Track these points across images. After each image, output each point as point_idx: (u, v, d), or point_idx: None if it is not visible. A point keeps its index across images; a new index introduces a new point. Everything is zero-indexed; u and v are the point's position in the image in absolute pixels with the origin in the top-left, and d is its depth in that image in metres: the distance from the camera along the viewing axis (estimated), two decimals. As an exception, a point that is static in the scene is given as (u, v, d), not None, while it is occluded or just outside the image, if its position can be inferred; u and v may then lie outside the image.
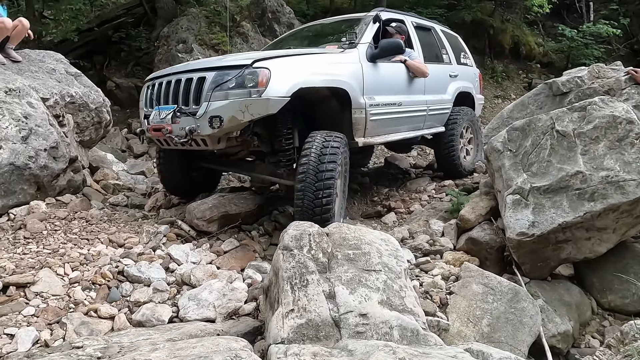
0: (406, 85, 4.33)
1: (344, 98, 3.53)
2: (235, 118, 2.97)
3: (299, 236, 2.01)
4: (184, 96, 3.17)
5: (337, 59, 3.64)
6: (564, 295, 3.25)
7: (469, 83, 5.61)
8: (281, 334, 1.65)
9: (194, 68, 3.25)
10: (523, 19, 12.84)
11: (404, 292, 1.89)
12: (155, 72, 3.73)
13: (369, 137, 3.79)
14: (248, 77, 2.98)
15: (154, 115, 3.35)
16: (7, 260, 2.79)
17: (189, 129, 3.02)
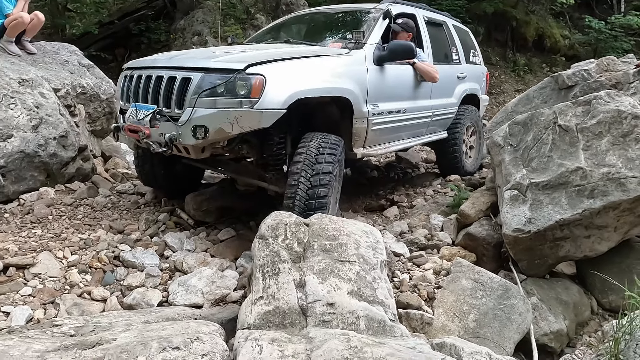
0: (412, 90, 4.09)
1: (344, 105, 3.29)
2: (222, 130, 2.66)
3: (275, 225, 2.04)
4: (165, 97, 2.85)
5: (340, 63, 3.34)
6: (562, 294, 3.18)
7: (476, 84, 5.39)
8: (248, 319, 1.69)
9: (178, 65, 2.93)
10: (549, 10, 12.43)
11: (377, 283, 1.90)
12: (134, 61, 3.36)
13: (368, 147, 3.56)
14: (240, 84, 2.65)
15: (130, 113, 3.04)
16: (12, 242, 2.94)
17: (169, 137, 2.72)
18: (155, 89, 2.92)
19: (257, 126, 2.69)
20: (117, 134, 3.30)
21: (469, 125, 5.07)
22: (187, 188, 3.78)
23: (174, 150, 2.89)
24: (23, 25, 4.32)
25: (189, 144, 2.75)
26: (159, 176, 3.68)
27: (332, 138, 3.00)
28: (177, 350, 1.40)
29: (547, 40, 11.80)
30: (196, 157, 2.96)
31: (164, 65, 2.99)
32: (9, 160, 3.53)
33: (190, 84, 2.73)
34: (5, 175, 3.53)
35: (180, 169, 3.73)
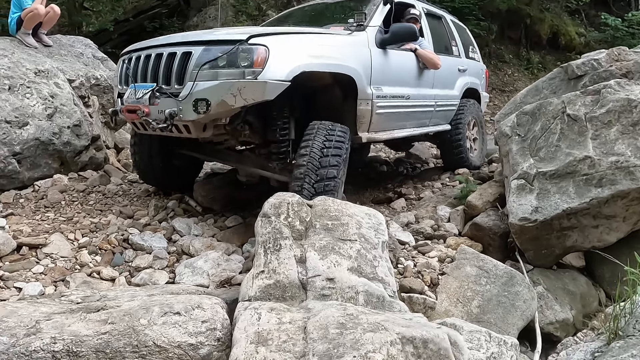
0: (415, 77, 4.05)
1: (348, 87, 3.20)
2: (225, 103, 2.54)
3: (277, 204, 2.07)
4: (164, 74, 2.74)
5: (344, 41, 3.29)
6: (569, 285, 3.15)
7: (476, 79, 5.34)
8: (249, 292, 1.73)
9: (178, 41, 2.83)
10: (564, 8, 12.26)
11: (377, 261, 1.92)
12: (133, 45, 3.25)
13: (373, 132, 3.46)
14: (242, 55, 2.56)
15: (128, 94, 2.92)
16: (26, 225, 3.03)
17: (169, 113, 2.60)
18: (154, 67, 2.82)
19: (261, 98, 2.58)
20: (115, 118, 3.19)
21: (472, 119, 5.00)
22: (184, 183, 3.73)
23: (174, 131, 2.76)
24: (39, 18, 4.44)
25: (190, 120, 2.63)
26: (157, 169, 3.59)
27: (338, 127, 2.94)
28: (178, 316, 1.45)
29: (561, 37, 11.64)
30: (197, 135, 2.82)
31: (163, 43, 2.90)
32: (25, 147, 3.63)
33: (191, 58, 2.64)
34: (21, 162, 3.63)
35: (178, 163, 3.66)
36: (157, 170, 3.60)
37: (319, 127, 2.86)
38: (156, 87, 2.74)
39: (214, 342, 1.45)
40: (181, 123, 2.69)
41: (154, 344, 1.35)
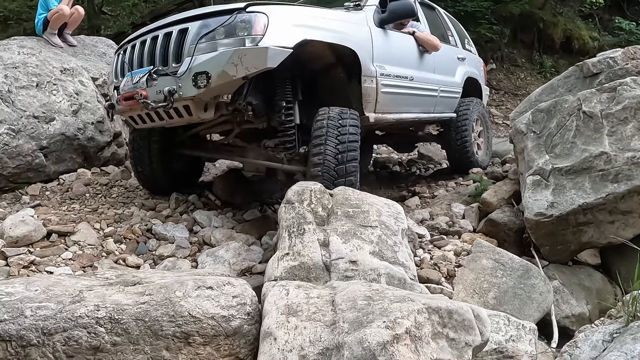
0: (417, 60, 3.99)
1: (351, 66, 3.12)
2: (226, 73, 2.41)
3: (301, 191, 2.14)
4: (161, 54, 2.63)
5: (344, 17, 3.22)
6: (584, 280, 3.17)
7: (475, 70, 5.32)
8: (275, 273, 1.79)
9: (173, 20, 2.72)
10: (577, 12, 12.23)
11: (397, 247, 1.97)
12: (130, 36, 3.12)
13: (379, 112, 3.35)
14: (241, 24, 2.45)
15: (125, 82, 2.80)
16: (53, 215, 3.14)
17: (167, 90, 2.47)
18: (150, 51, 2.71)
19: (264, 65, 2.45)
20: (111, 112, 3.07)
21: (477, 118, 4.94)
22: (184, 188, 3.65)
23: (174, 116, 2.65)
24: (64, 18, 4.59)
25: (190, 97, 2.50)
26: (157, 175, 3.51)
27: (350, 113, 2.86)
28: (211, 290, 1.52)
29: (575, 42, 11.60)
30: (198, 118, 2.67)
31: (159, 26, 2.80)
32: (51, 142, 3.76)
33: (188, 33, 2.55)
34: (47, 156, 3.76)
35: (178, 167, 3.60)
36: (157, 175, 3.52)
37: (329, 116, 2.75)
38: (153, 68, 2.62)
39: (244, 315, 1.52)
40: (181, 103, 2.56)
41: (189, 314, 1.42)
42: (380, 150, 7.05)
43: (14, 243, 2.60)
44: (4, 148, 3.46)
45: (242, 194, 3.74)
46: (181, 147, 3.51)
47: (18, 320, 1.28)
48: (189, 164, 3.72)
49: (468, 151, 4.65)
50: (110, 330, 1.33)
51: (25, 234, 2.64)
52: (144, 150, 3.45)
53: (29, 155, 3.61)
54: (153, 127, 3.01)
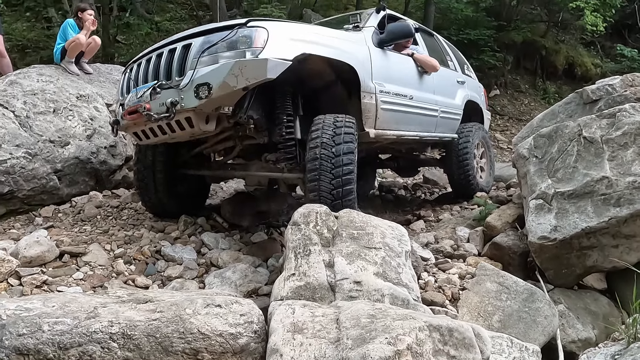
0: (416, 80, 4.03)
1: (351, 83, 3.17)
2: (226, 85, 2.47)
3: (307, 214, 2.21)
4: (165, 70, 2.71)
5: (343, 36, 3.30)
6: (590, 305, 3.16)
7: (475, 94, 5.38)
8: (281, 293, 1.84)
9: (178, 38, 2.81)
10: (579, 39, 12.47)
11: (401, 268, 2.01)
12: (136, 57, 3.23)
13: (380, 128, 3.38)
14: (241, 39, 2.54)
15: (129, 97, 2.90)
16: (65, 236, 3.22)
17: (170, 102, 2.54)
18: (155, 67, 2.80)
19: (264, 76, 2.49)
20: (116, 128, 3.11)
21: (479, 143, 4.96)
22: (190, 211, 3.67)
23: (176, 130, 2.71)
24: (80, 47, 4.80)
25: (192, 107, 2.55)
26: (163, 198, 3.54)
27: (345, 117, 2.87)
28: (219, 308, 1.57)
29: (577, 68, 11.79)
30: (200, 128, 2.69)
31: (164, 43, 2.89)
32: (65, 165, 3.88)
33: (191, 48, 2.64)
34: (61, 179, 3.88)
35: (183, 190, 3.63)
36: (163, 201, 3.56)
37: (324, 122, 2.78)
38: (157, 83, 2.70)
39: (252, 333, 1.56)
40: (183, 115, 2.62)
41: (198, 331, 1.47)
42: (385, 174, 7.14)
43: (27, 263, 2.68)
44: (20, 171, 3.58)
45: (249, 216, 3.81)
46: (185, 168, 3.57)
47: (36, 335, 1.34)
48: (194, 186, 3.77)
49: (470, 176, 4.66)
50: (122, 346, 1.38)
51: (39, 254, 2.71)
52: (149, 180, 3.50)
53: (44, 178, 3.72)
54: (157, 142, 3.06)
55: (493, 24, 11.42)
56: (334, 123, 2.78)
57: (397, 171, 5.81)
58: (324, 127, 2.74)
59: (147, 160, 3.49)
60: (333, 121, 2.79)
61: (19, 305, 1.43)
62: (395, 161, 5.30)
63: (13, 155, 3.57)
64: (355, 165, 2.73)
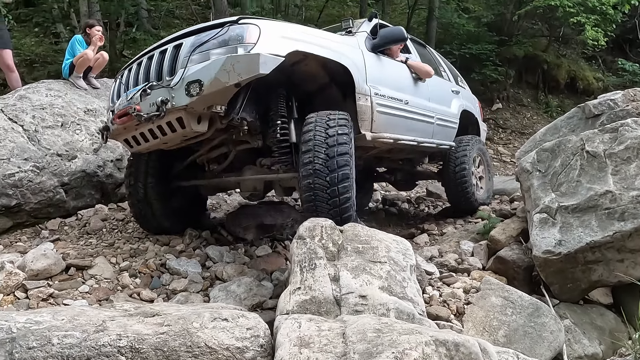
0: (411, 86, 3.99)
1: (345, 86, 3.12)
2: (218, 81, 2.40)
3: (312, 227, 2.23)
4: (156, 71, 2.66)
5: (336, 38, 3.26)
6: (597, 320, 3.14)
7: (471, 105, 5.37)
8: (287, 307, 1.85)
9: (168, 39, 2.79)
10: (580, 54, 12.57)
11: (406, 282, 2.02)
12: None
13: (376, 132, 3.31)
14: (233, 36, 2.49)
15: (120, 101, 2.84)
16: (72, 249, 3.25)
17: (160, 100, 2.47)
18: (146, 69, 2.75)
19: (256, 71, 2.41)
20: (106, 134, 3.03)
21: (476, 156, 4.88)
22: (186, 226, 3.59)
23: (168, 132, 2.63)
24: (88, 62, 4.88)
25: (183, 106, 2.47)
26: (157, 215, 3.44)
27: (339, 114, 2.78)
28: (226, 322, 1.58)
29: (579, 82, 11.86)
30: (191, 129, 2.60)
31: (156, 46, 2.85)
32: (72, 179, 3.93)
33: (182, 47, 2.60)
34: (68, 192, 3.92)
35: (177, 204, 3.54)
36: (156, 215, 3.45)
37: (317, 122, 2.68)
38: (148, 84, 2.64)
39: (258, 347, 1.57)
40: (174, 115, 2.55)
41: (205, 345, 1.48)
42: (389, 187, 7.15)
43: (34, 276, 2.69)
44: (28, 184, 3.62)
45: (253, 230, 3.82)
46: (178, 180, 3.49)
47: (45, 348, 1.36)
48: (189, 200, 3.67)
49: (468, 191, 4.57)
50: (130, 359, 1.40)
51: (46, 267, 2.73)
52: (141, 194, 3.40)
53: (51, 192, 3.76)
54: (148, 149, 2.99)
55: (495, 39, 11.54)
56: (327, 122, 2.67)
57: (394, 184, 5.70)
58: (316, 128, 2.63)
59: (138, 174, 3.40)
60: (326, 120, 2.69)
61: (29, 318, 1.44)
62: (392, 174, 5.23)
63: (21, 169, 3.61)
64: (352, 168, 2.61)
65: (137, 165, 3.42)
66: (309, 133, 2.64)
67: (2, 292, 2.50)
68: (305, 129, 2.69)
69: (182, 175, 3.51)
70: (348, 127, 2.73)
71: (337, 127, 2.64)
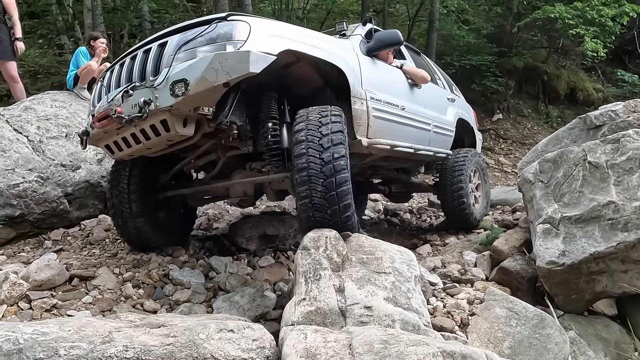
0: (407, 91, 3.88)
1: (340, 90, 2.98)
2: (205, 79, 2.23)
3: (316, 238, 2.23)
4: (140, 71, 2.49)
5: (331, 40, 3.13)
6: (602, 331, 3.12)
7: (466, 113, 5.32)
8: (292, 318, 1.85)
9: (153, 37, 2.63)
10: (580, 65, 12.67)
11: (411, 293, 2.02)
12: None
13: (372, 137, 3.17)
14: (221, 33, 2.34)
15: (100, 104, 2.68)
16: (75, 259, 3.25)
17: (143, 101, 2.30)
18: (128, 70, 2.58)
19: (246, 70, 2.26)
20: (85, 139, 2.86)
21: (474, 170, 4.75)
22: (175, 241, 3.47)
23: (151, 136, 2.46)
24: (92, 73, 4.93)
25: (167, 106, 2.30)
26: (143, 229, 3.23)
27: (331, 110, 2.58)
28: (232, 333, 1.57)
29: (579, 93, 11.93)
30: (177, 132, 2.42)
31: (139, 46, 2.69)
32: (76, 189, 3.94)
33: (167, 46, 2.44)
34: (71, 202, 3.93)
35: (164, 217, 3.37)
36: (141, 229, 3.24)
37: (308, 117, 2.50)
38: (130, 84, 2.46)
39: (264, 359, 1.57)
40: (158, 118, 2.38)
41: (211, 356, 1.47)
42: (391, 197, 7.14)
43: (38, 287, 2.69)
44: (32, 195, 3.64)
45: (256, 240, 3.82)
46: (165, 191, 3.32)
47: (53, 359, 1.35)
48: (178, 213, 3.49)
49: (465, 206, 4.45)
50: (136, 371, 1.39)
51: (50, 278, 2.73)
52: (125, 207, 3.20)
53: (55, 202, 3.77)
54: (131, 155, 2.78)
55: (494, 50, 11.63)
56: (319, 120, 2.47)
57: (388, 196, 5.50)
58: (308, 127, 2.43)
59: (121, 187, 3.20)
60: (318, 117, 2.49)
61: (35, 329, 1.44)
62: (386, 185, 5.08)
63: (26, 179, 3.63)
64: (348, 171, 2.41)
65: (119, 178, 3.22)
66: (300, 133, 2.43)
67: (5, 302, 2.50)
68: (295, 128, 2.49)
69: (168, 186, 3.35)
70: (342, 123, 2.53)
71: (331, 124, 2.44)
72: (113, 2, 10.88)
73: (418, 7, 11.05)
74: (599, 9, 9.18)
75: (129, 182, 3.21)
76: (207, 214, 4.76)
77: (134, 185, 3.21)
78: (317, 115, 2.51)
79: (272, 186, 2.99)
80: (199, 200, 3.61)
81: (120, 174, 3.24)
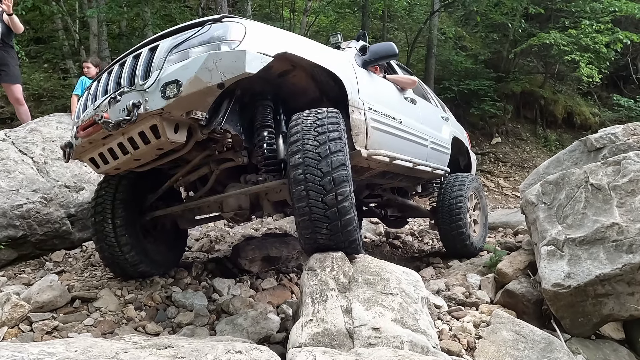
0: (403, 105, 3.85)
1: (337, 101, 2.90)
2: (199, 80, 2.11)
3: (323, 259, 2.22)
4: (129, 76, 2.35)
5: (327, 49, 3.08)
6: (610, 356, 3.07)
7: (459, 132, 5.33)
8: (299, 339, 1.82)
9: (145, 42, 2.51)
10: (576, 90, 12.89)
11: (418, 315, 2.00)
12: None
13: (371, 148, 3.07)
14: (216, 34, 2.24)
15: (86, 112, 2.53)
16: (76, 281, 3.22)
17: (132, 104, 2.15)
18: (117, 77, 2.44)
19: (241, 70, 2.14)
20: (69, 152, 2.65)
21: (472, 195, 4.62)
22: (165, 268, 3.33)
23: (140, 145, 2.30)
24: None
25: (158, 109, 2.15)
26: (128, 252, 3.04)
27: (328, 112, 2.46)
28: (240, 354, 1.55)
29: (576, 117, 12.10)
30: (167, 139, 2.26)
31: (129, 51, 2.56)
32: (79, 210, 3.94)
33: (159, 49, 2.32)
34: (74, 224, 3.91)
35: (152, 242, 3.22)
36: (127, 255, 3.03)
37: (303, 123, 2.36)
38: (118, 90, 2.32)
39: (272, 381, 1.54)
40: (147, 123, 2.23)
41: (219, 378, 1.45)
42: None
43: (39, 308, 2.66)
44: (35, 216, 3.63)
45: (258, 262, 3.80)
46: (153, 211, 3.15)
47: (58, 381, 1.33)
48: (168, 237, 3.34)
49: (463, 234, 4.35)
50: (143, 393, 1.36)
51: (51, 299, 2.70)
52: (109, 232, 3.00)
53: (57, 223, 3.77)
54: (118, 168, 2.59)
55: (492, 75, 11.86)
56: (315, 129, 2.32)
57: (384, 220, 5.33)
58: (304, 137, 2.28)
59: (105, 211, 2.99)
60: (314, 126, 2.34)
61: (42, 350, 1.42)
62: (382, 209, 4.98)
63: (29, 200, 3.63)
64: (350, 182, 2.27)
65: (104, 200, 3.02)
66: (296, 143, 2.28)
67: (6, 324, 2.47)
68: (290, 137, 2.35)
69: (156, 206, 3.17)
70: (340, 127, 2.39)
71: (329, 133, 2.30)
72: (118, 28, 11.13)
73: (416, 33, 11.32)
74: (593, 36, 9.41)
75: (114, 206, 3.03)
76: (208, 236, 4.75)
77: (120, 212, 3.03)
78: (312, 118, 2.40)
79: (268, 197, 2.83)
80: (190, 221, 3.40)
81: (104, 197, 3.05)
